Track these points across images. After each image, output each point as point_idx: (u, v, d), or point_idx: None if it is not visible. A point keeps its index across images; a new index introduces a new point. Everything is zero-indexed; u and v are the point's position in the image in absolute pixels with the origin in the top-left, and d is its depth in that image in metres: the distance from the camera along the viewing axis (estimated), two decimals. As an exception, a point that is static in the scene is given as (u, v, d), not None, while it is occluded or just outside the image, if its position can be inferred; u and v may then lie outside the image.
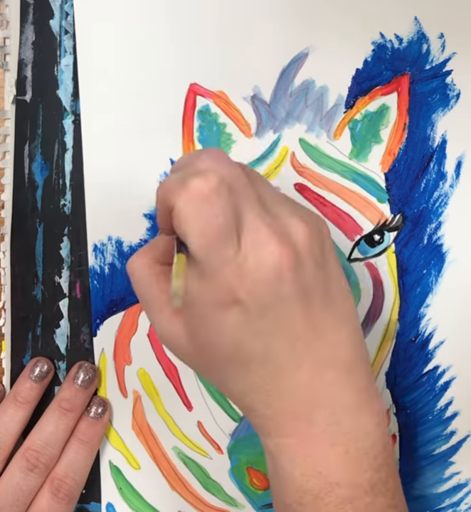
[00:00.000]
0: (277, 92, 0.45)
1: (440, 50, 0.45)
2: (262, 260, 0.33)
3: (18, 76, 0.44)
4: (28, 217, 0.46)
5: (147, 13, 0.44)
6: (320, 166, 0.46)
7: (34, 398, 0.46)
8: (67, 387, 0.46)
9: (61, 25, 0.44)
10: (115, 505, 0.49)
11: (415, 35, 0.45)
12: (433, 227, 0.47)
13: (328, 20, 0.45)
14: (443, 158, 0.47)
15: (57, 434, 0.45)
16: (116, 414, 0.48)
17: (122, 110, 0.45)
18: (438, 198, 0.47)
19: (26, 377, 0.46)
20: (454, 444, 0.49)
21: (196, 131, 0.45)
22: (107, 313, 0.47)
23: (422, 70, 0.46)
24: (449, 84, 0.46)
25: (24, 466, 0.44)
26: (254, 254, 0.33)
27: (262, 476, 0.49)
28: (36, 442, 0.45)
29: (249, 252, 0.33)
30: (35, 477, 0.45)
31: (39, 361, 0.46)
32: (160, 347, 0.48)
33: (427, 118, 0.46)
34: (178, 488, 0.49)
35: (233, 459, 0.49)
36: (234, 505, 0.50)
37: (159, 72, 0.45)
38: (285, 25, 0.45)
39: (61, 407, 0.46)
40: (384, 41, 0.45)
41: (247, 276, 0.33)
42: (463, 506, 0.50)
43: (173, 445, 0.49)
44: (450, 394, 0.48)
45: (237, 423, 0.49)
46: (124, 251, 0.46)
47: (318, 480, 0.35)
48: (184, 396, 0.48)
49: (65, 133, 0.45)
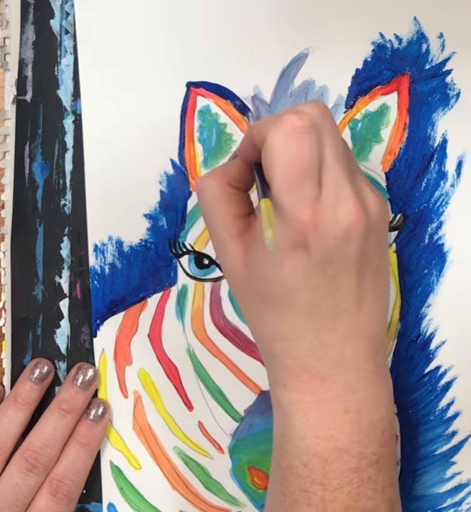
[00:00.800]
0: (278, 92, 0.45)
1: (439, 50, 0.45)
2: (339, 215, 0.35)
3: (18, 76, 0.44)
4: (28, 217, 0.46)
5: (148, 13, 0.44)
6: (320, 165, 0.46)
7: (34, 399, 0.46)
8: (67, 388, 0.46)
9: (62, 25, 0.44)
10: (116, 506, 0.49)
11: (415, 35, 0.45)
12: (434, 226, 0.47)
13: (328, 21, 0.45)
14: (444, 157, 0.47)
15: (56, 435, 0.45)
16: (116, 414, 0.48)
17: (123, 110, 0.45)
18: (439, 198, 0.47)
19: (26, 379, 0.46)
20: (456, 444, 0.49)
21: (197, 131, 0.45)
22: (108, 313, 0.47)
23: (422, 70, 0.46)
24: (449, 83, 0.46)
25: (23, 466, 0.44)
26: (333, 206, 0.35)
27: (263, 475, 0.49)
28: (35, 443, 0.45)
29: (329, 203, 0.35)
30: (35, 477, 0.45)
31: (39, 362, 0.46)
32: (160, 347, 0.48)
33: (427, 117, 0.46)
34: (180, 488, 0.49)
35: (234, 459, 0.49)
36: (235, 505, 0.50)
37: (159, 72, 0.45)
38: (285, 26, 0.45)
39: (60, 408, 0.46)
40: (384, 41, 0.45)
41: (321, 225, 0.34)
42: (465, 506, 0.50)
43: (174, 445, 0.49)
44: (452, 394, 0.48)
45: (238, 423, 0.49)
46: (124, 251, 0.46)
47: (328, 444, 0.36)
48: (185, 396, 0.48)
49: (65, 133, 0.45)
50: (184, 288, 0.47)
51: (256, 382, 0.48)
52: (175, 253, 0.46)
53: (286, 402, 0.37)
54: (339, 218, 0.35)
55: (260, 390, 0.48)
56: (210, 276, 0.47)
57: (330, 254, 0.35)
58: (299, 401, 0.37)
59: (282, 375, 0.37)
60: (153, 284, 0.47)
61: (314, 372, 0.36)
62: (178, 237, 0.46)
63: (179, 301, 0.47)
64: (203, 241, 0.46)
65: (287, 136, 0.34)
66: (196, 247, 0.46)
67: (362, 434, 0.36)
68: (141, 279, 0.47)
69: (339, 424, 0.36)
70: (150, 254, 0.46)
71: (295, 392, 0.37)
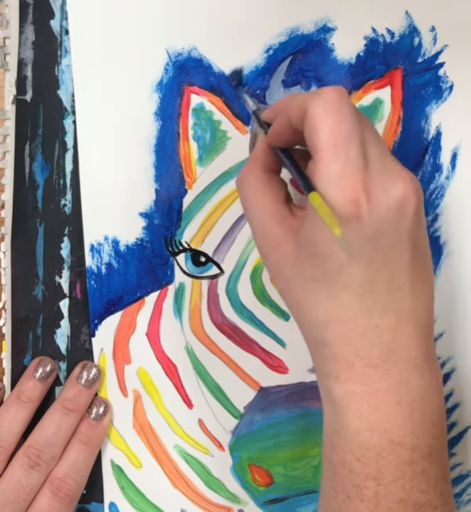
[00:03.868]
0: (271, 88, 0.46)
1: (431, 43, 0.46)
2: (389, 186, 0.34)
3: (18, 76, 0.44)
4: (28, 217, 0.46)
5: (142, 12, 0.44)
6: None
7: (37, 397, 0.46)
8: (71, 387, 0.47)
9: (62, 26, 0.44)
10: (118, 505, 0.49)
11: (407, 29, 0.45)
12: (430, 219, 0.47)
13: (320, 16, 0.45)
14: (438, 150, 0.46)
15: (59, 433, 0.46)
16: (117, 413, 0.49)
17: (117, 109, 0.45)
18: (434, 190, 0.47)
19: (30, 377, 0.46)
20: (456, 436, 0.49)
21: (191, 129, 0.46)
22: (105, 313, 0.47)
23: (415, 63, 0.46)
24: (442, 76, 0.46)
25: (26, 463, 0.45)
26: (382, 176, 0.34)
27: (264, 472, 0.49)
28: (38, 441, 0.45)
29: (378, 173, 0.34)
30: (37, 474, 0.45)
31: (42, 360, 0.47)
32: (159, 345, 0.48)
33: (421, 111, 0.46)
34: (181, 486, 0.49)
35: (234, 456, 0.49)
36: (236, 502, 0.50)
37: (157, 70, 0.45)
38: (279, 21, 0.45)
39: (64, 406, 0.46)
40: (376, 36, 0.45)
41: (373, 195, 0.34)
42: (465, 497, 0.49)
43: (174, 443, 0.49)
44: (450, 386, 0.48)
45: (238, 420, 0.49)
46: (120, 250, 0.46)
47: (382, 437, 0.36)
48: (184, 394, 0.48)
49: (65, 133, 0.46)
50: (181, 286, 0.47)
51: (255, 379, 0.48)
52: (171, 251, 0.47)
53: (338, 396, 0.36)
54: (389, 189, 0.34)
55: (259, 387, 0.49)
56: (207, 273, 0.47)
57: (383, 226, 0.34)
58: (352, 393, 0.36)
59: (335, 365, 0.36)
60: (150, 283, 0.47)
61: (368, 360, 0.36)
62: (174, 235, 0.47)
63: (177, 299, 0.47)
64: (199, 239, 0.47)
65: (329, 104, 0.34)
66: (193, 245, 0.47)
67: (414, 426, 0.36)
68: (138, 278, 0.47)
69: (392, 417, 0.36)
70: (146, 253, 0.47)
71: (347, 384, 0.36)
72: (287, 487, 0.50)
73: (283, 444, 0.49)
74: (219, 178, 0.46)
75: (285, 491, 0.50)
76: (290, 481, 0.50)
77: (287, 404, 0.49)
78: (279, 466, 0.50)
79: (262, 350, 0.48)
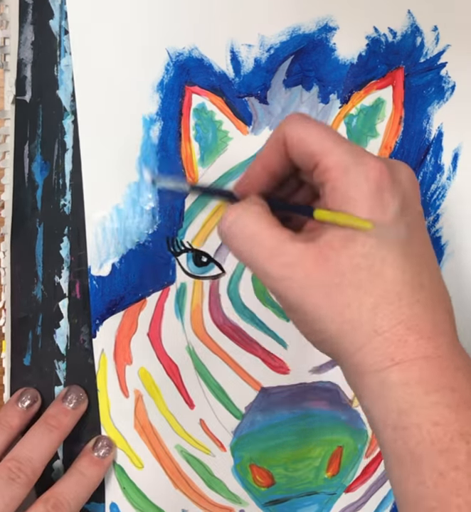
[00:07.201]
0: (273, 88, 0.46)
1: (434, 43, 0.46)
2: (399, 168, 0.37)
3: (17, 76, 0.44)
4: (28, 217, 0.46)
5: (142, 12, 0.44)
6: (317, 161, 0.46)
7: (17, 425, 0.46)
8: (56, 404, 0.47)
9: (61, 26, 0.44)
10: (119, 505, 0.49)
11: (409, 29, 0.45)
12: (431, 220, 0.47)
13: (322, 15, 0.45)
14: (440, 150, 0.47)
15: (41, 448, 0.46)
16: (118, 414, 0.48)
17: (119, 110, 0.45)
18: (436, 191, 0.47)
19: (13, 404, 0.47)
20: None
21: (192, 129, 0.46)
22: (107, 313, 0.47)
23: (417, 63, 0.46)
24: (444, 76, 0.46)
25: (6, 474, 0.44)
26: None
27: (265, 473, 0.49)
28: (19, 454, 0.45)
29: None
30: (18, 487, 0.44)
31: (26, 392, 0.47)
32: (160, 346, 0.48)
33: (422, 111, 0.46)
34: (182, 487, 0.49)
35: (235, 457, 0.49)
36: (238, 503, 0.50)
37: (158, 70, 0.45)
38: (280, 21, 0.45)
39: (47, 422, 0.46)
40: (378, 35, 0.45)
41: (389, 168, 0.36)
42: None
43: (175, 443, 0.49)
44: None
45: (240, 420, 0.49)
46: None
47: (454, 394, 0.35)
48: (186, 394, 0.48)
49: (65, 133, 0.46)
50: (183, 286, 0.47)
51: (256, 379, 0.48)
52: (173, 251, 0.47)
53: (395, 378, 0.35)
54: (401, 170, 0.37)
55: (260, 387, 0.49)
56: (209, 274, 0.47)
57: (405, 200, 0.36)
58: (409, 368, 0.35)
59: (387, 349, 0.35)
60: (152, 283, 0.47)
61: (419, 333, 0.35)
62: (176, 235, 0.46)
63: (178, 299, 0.47)
64: (201, 239, 0.47)
65: (315, 127, 0.37)
66: (194, 245, 0.47)
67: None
68: (139, 278, 0.47)
69: (457, 379, 0.35)
70: (148, 253, 0.46)
71: (404, 363, 0.35)
72: (288, 488, 0.50)
73: (284, 444, 0.49)
74: (221, 178, 0.46)
75: (286, 491, 0.50)
76: (291, 481, 0.50)
77: (288, 404, 0.49)
78: (280, 466, 0.50)
79: (263, 350, 0.48)
